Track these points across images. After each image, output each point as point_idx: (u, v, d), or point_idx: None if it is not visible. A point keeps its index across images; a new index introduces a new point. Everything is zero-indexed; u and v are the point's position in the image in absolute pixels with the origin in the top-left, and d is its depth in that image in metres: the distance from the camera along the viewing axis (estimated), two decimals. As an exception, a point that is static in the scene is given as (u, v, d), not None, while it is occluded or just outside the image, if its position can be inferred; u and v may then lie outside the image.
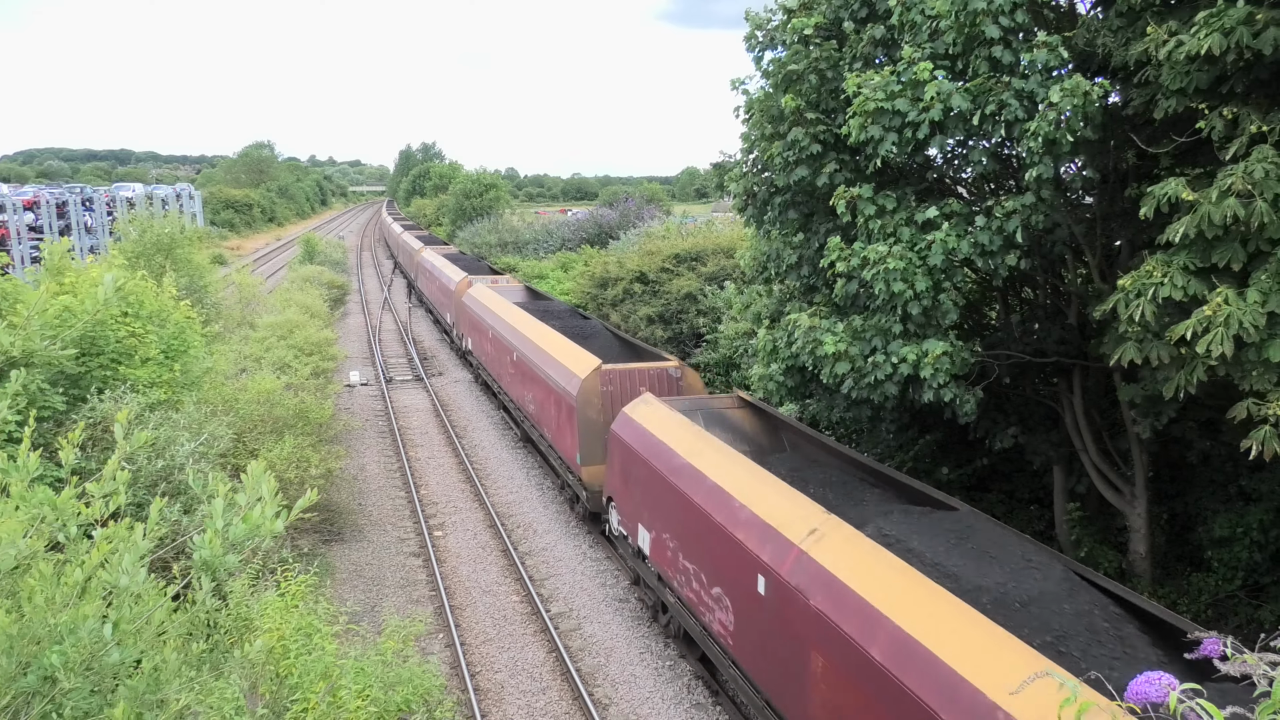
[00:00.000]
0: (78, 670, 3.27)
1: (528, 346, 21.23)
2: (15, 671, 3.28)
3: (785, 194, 12.74)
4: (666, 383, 17.08)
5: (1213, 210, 8.02)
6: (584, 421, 16.68)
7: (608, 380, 16.91)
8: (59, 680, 3.21)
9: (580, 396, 16.78)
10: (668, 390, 16.79)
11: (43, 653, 3.28)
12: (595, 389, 16.88)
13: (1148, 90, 9.38)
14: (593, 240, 51.23)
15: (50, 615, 3.40)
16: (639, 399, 14.75)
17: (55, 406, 10.37)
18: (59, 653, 3.26)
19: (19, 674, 3.24)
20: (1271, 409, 8.02)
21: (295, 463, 15.66)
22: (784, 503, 9.93)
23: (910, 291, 10.41)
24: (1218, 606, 12.52)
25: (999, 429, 13.71)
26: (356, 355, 35.02)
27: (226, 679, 5.30)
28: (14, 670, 3.28)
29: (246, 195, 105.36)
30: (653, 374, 17.11)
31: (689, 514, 11.65)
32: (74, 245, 33.87)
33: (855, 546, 8.59)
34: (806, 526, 9.21)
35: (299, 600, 8.10)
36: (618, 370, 17.13)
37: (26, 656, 3.29)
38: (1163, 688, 2.09)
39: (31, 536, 3.56)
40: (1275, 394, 8.04)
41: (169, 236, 23.35)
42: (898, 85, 10.41)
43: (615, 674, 12.82)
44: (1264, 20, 7.95)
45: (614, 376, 16.98)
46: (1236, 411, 8.44)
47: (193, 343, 14.15)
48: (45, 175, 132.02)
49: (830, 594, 8.32)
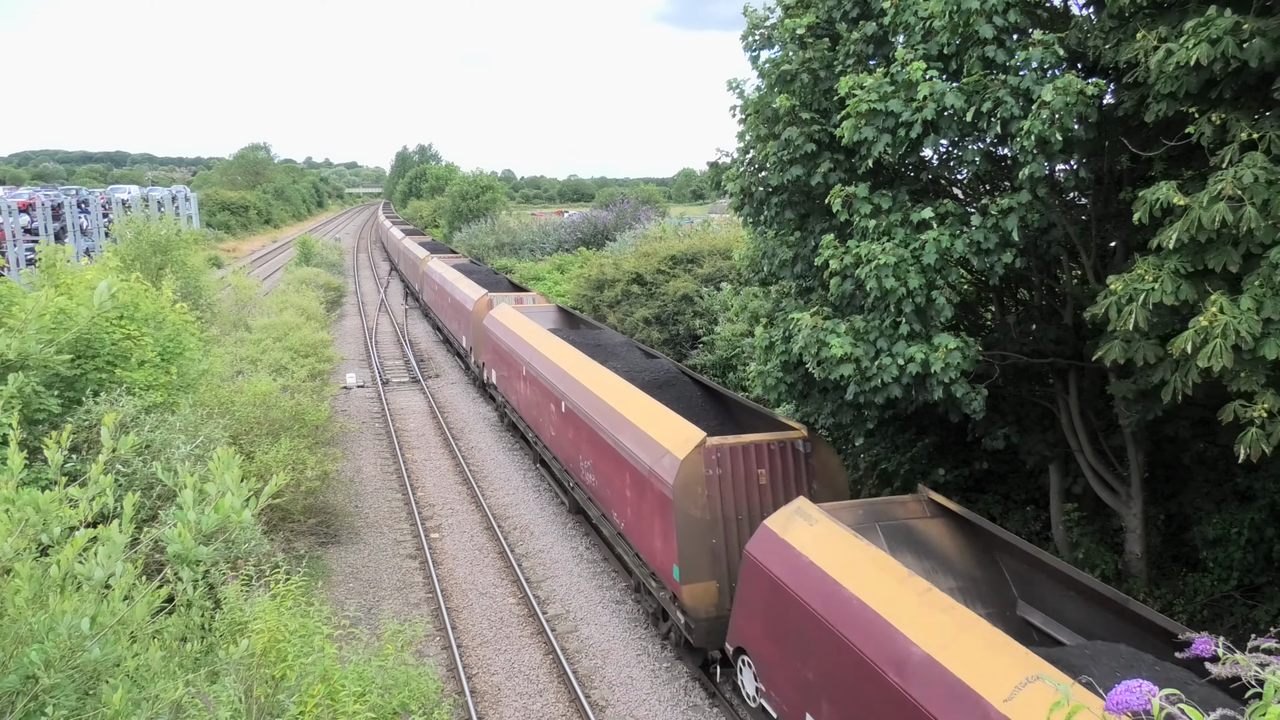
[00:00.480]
0: (58, 666, 3.26)
1: (584, 397, 16.52)
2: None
3: (781, 193, 12.76)
4: (793, 461, 12.66)
5: (1203, 215, 8.05)
6: (684, 521, 11.95)
7: (714, 459, 12.17)
8: (40, 679, 3.19)
9: (679, 485, 11.95)
10: (795, 470, 12.61)
11: (23, 652, 3.27)
12: (698, 473, 12.04)
13: (1138, 91, 9.41)
14: (589, 242, 51.27)
15: (30, 615, 3.39)
16: (792, 508, 10.44)
17: (50, 409, 10.36)
18: (39, 650, 3.25)
19: (1, 674, 3.23)
20: (1257, 410, 8.05)
21: (291, 465, 15.65)
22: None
23: (903, 289, 10.39)
24: (1213, 607, 12.55)
25: (993, 429, 13.73)
26: (353, 357, 34.99)
27: (221, 681, 5.30)
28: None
29: (242, 197, 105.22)
30: (774, 448, 12.55)
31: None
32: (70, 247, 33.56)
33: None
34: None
35: (290, 601, 8.09)
36: (727, 445, 12.32)
37: (6, 656, 3.28)
38: (1144, 695, 2.12)
39: (15, 538, 3.56)
40: (1262, 395, 8.07)
41: (165, 239, 23.34)
42: (891, 86, 10.42)
43: (612, 676, 12.82)
44: (1250, 30, 7.98)
45: (723, 454, 12.24)
46: (1225, 414, 8.47)
47: (189, 345, 14.14)
48: (40, 177, 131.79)
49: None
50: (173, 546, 3.62)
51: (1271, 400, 8.00)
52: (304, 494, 16.22)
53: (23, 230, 48.00)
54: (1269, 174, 7.97)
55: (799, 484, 12.51)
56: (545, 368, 19.33)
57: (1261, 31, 8.00)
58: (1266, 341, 7.85)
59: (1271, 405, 8.00)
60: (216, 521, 3.70)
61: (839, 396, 12.69)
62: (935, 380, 10.54)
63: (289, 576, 8.94)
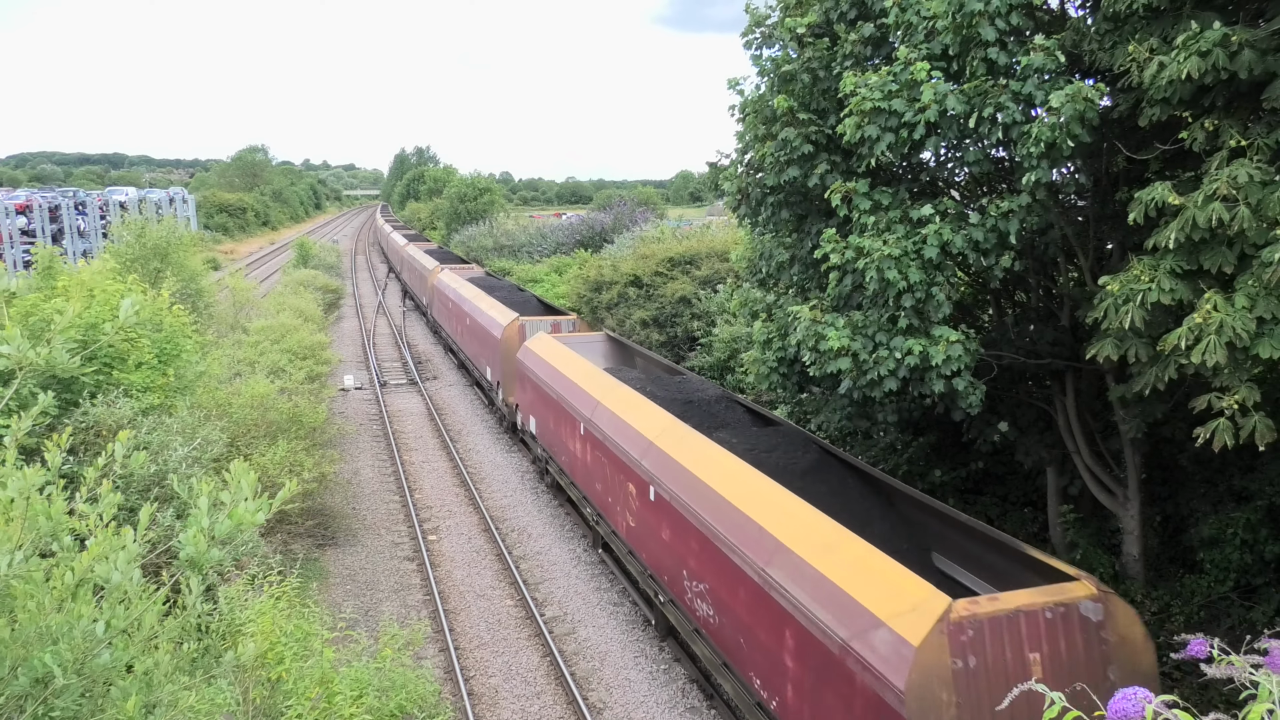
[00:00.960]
0: (70, 669, 3.28)
1: (694, 493, 11.41)
2: (8, 676, 3.29)
3: (778, 194, 12.77)
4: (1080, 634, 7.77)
5: (1198, 214, 8.10)
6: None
7: (964, 643, 7.39)
8: (51, 681, 3.22)
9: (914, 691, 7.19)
10: (1084, 649, 7.76)
11: (33, 655, 3.29)
12: (942, 667, 7.29)
13: (1133, 95, 9.44)
14: (587, 244, 51.29)
15: (41, 619, 3.41)
16: None
17: (48, 411, 10.34)
18: (53, 653, 3.27)
19: (11, 678, 3.25)
20: (1228, 402, 8.14)
21: (289, 467, 15.63)
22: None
23: (904, 282, 10.38)
24: (1210, 608, 12.56)
25: (990, 426, 13.74)
26: (351, 359, 34.98)
27: (217, 684, 5.30)
28: (6, 674, 3.29)
29: (240, 199, 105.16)
30: (1049, 618, 7.69)
31: None
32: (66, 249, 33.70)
33: None
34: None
35: (286, 603, 8.09)
36: (984, 616, 7.53)
37: (17, 660, 3.30)
38: (1139, 703, 2.17)
39: (28, 546, 3.58)
40: (1237, 389, 8.14)
41: (165, 241, 23.32)
42: (895, 85, 10.44)
43: (610, 678, 12.81)
44: (1239, 41, 8.03)
45: (979, 631, 7.45)
46: (1198, 403, 8.56)
47: (186, 347, 14.13)
48: (38, 179, 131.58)
49: None
50: (185, 550, 3.64)
51: (1245, 393, 8.07)
52: (301, 496, 16.22)
53: (20, 232, 47.97)
54: (1263, 174, 8.02)
55: (1089, 674, 7.85)
56: (619, 433, 14.32)
57: (1250, 43, 8.06)
58: (1260, 341, 7.90)
59: (1245, 398, 8.08)
60: (230, 528, 3.73)
61: (834, 391, 12.66)
62: (936, 373, 10.49)
63: (283, 578, 8.93)
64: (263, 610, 7.64)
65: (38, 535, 3.61)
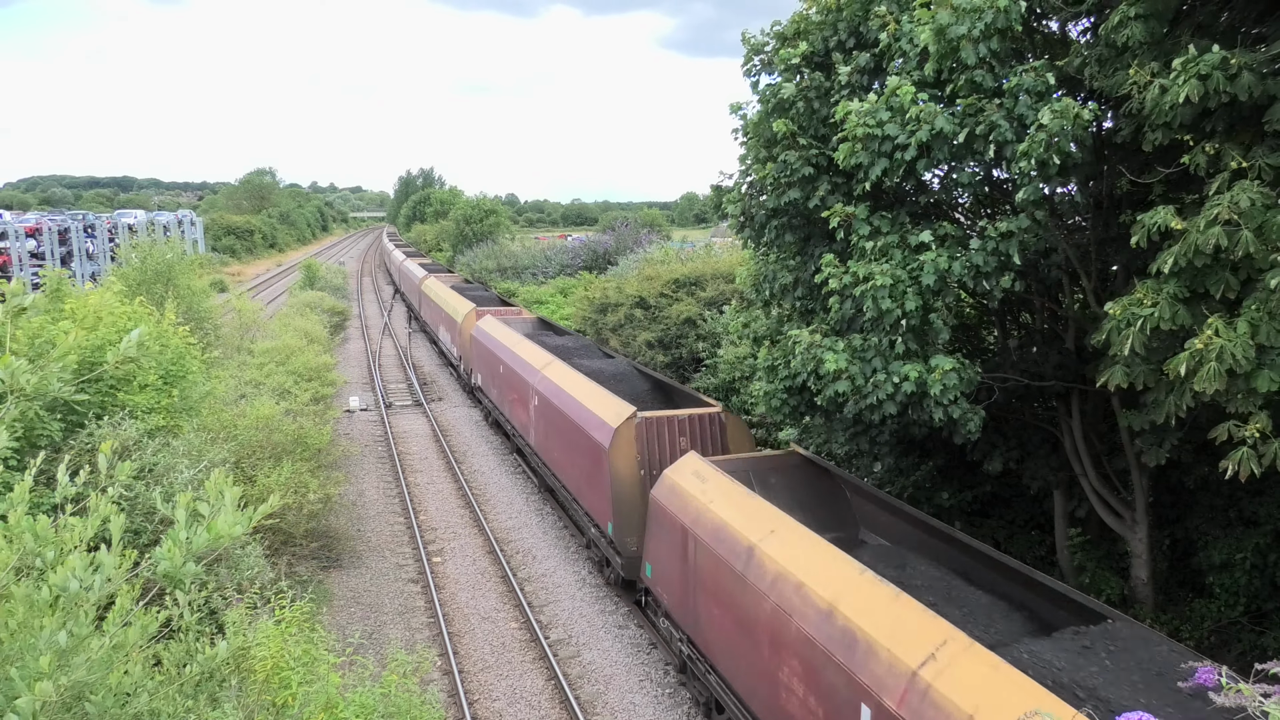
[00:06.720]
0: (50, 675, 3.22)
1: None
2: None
3: (780, 216, 12.84)
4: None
5: (1199, 239, 8.10)
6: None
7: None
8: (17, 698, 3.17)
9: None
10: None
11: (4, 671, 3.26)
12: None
13: (1135, 120, 9.49)
14: (591, 266, 51.46)
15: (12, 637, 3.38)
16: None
17: (53, 434, 10.38)
18: (19, 669, 3.23)
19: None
20: (1249, 430, 8.09)
21: (294, 488, 15.64)
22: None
23: (899, 310, 10.44)
24: (1220, 633, 12.44)
25: (993, 452, 13.70)
26: (356, 381, 35.04)
27: (221, 708, 5.27)
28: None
29: (248, 221, 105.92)
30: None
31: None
32: (75, 272, 33.92)
33: None
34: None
35: (293, 628, 8.06)
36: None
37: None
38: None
39: (13, 564, 3.57)
40: (1256, 416, 8.10)
41: (169, 263, 23.48)
42: (886, 112, 10.53)
43: (614, 702, 12.72)
44: (1238, 64, 8.07)
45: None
46: (1218, 433, 8.52)
47: (191, 368, 14.18)
48: (48, 202, 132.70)
49: None
50: (162, 565, 3.63)
51: (1265, 421, 8.03)
52: (306, 517, 16.20)
53: (29, 255, 48.33)
54: (1265, 198, 8.02)
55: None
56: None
57: (1249, 66, 8.10)
58: (1260, 374, 7.89)
59: (1265, 426, 8.03)
60: (208, 540, 3.70)
61: (838, 415, 12.67)
62: (934, 402, 10.57)
63: (293, 601, 8.91)
64: (269, 635, 7.62)
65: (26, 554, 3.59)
